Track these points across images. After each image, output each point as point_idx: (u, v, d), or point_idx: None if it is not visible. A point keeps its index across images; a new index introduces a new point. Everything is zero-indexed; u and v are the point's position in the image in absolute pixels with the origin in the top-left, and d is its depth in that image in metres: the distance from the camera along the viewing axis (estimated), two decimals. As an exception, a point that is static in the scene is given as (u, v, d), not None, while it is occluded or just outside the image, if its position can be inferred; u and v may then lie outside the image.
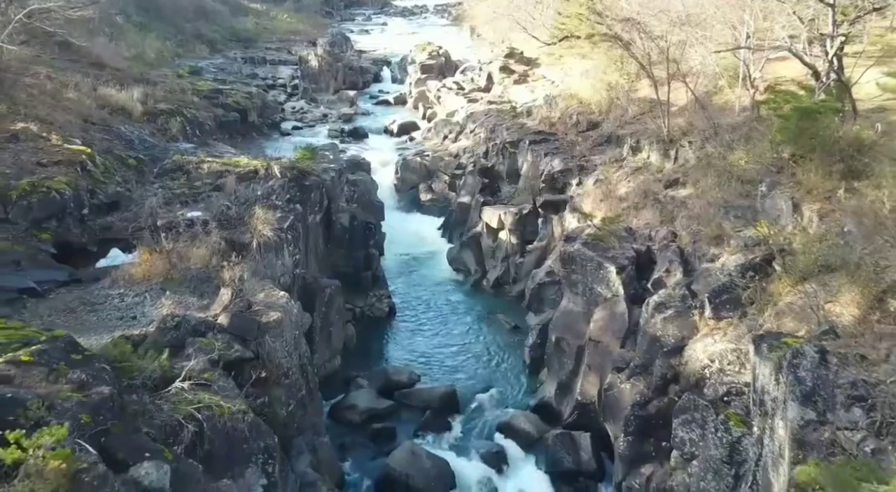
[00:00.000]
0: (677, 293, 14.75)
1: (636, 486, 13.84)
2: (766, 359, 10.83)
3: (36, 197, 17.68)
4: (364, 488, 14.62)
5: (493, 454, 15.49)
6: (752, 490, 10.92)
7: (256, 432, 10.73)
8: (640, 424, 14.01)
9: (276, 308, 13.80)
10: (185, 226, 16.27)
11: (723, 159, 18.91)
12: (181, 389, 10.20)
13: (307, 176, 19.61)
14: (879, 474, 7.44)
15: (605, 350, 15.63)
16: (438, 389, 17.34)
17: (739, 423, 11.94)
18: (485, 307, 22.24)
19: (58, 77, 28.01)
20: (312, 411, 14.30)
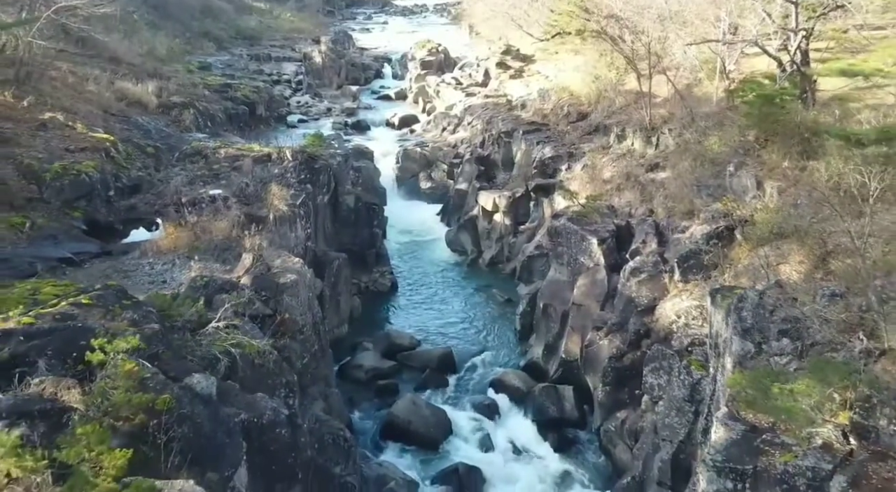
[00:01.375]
0: (650, 260, 16.51)
1: (613, 429, 15.60)
2: (718, 307, 12.58)
3: (67, 179, 19.32)
4: (370, 432, 16.32)
5: (485, 406, 17.24)
6: (707, 420, 12.62)
7: (279, 369, 12.44)
8: (616, 375, 15.77)
9: (291, 272, 15.48)
10: (207, 202, 17.98)
11: (698, 144, 20.60)
12: (216, 328, 11.90)
13: (316, 160, 21.33)
14: (786, 378, 9.17)
15: (586, 313, 17.37)
16: (437, 351, 19.11)
17: (700, 367, 13.67)
18: (480, 283, 23.97)
19: (78, 71, 29.80)
20: (324, 364, 16.00)
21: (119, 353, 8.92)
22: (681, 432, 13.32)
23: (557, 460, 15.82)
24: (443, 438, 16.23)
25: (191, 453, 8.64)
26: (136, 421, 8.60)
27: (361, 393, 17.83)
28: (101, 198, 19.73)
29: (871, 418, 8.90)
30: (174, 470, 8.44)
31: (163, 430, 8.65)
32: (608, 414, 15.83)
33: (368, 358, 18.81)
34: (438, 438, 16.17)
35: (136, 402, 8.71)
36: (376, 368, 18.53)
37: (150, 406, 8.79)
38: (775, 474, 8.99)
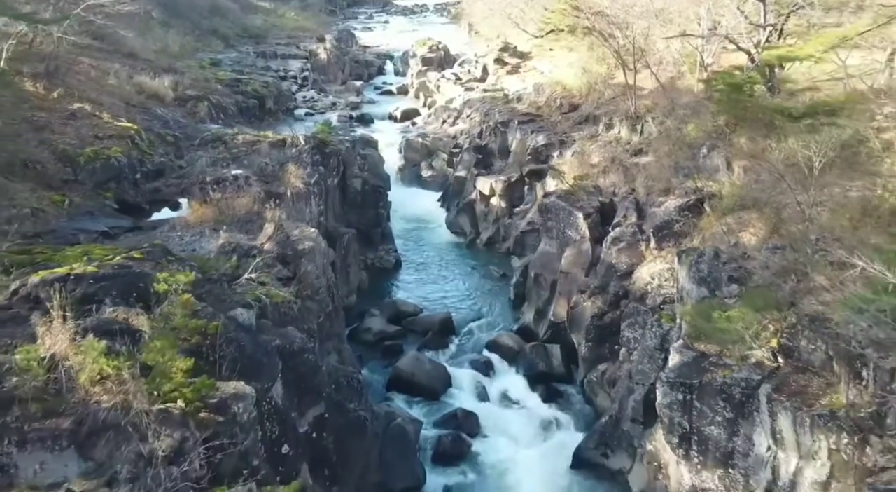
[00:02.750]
0: (629, 230, 18.46)
1: (594, 380, 17.54)
2: (683, 264, 14.53)
3: (98, 163, 21.24)
4: (378, 385, 18.24)
5: (482, 363, 19.18)
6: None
7: (302, 316, 14.36)
8: (598, 332, 17.70)
9: (308, 240, 17.41)
10: (230, 181, 19.90)
11: (678, 131, 22.51)
12: (248, 280, 13.82)
13: (326, 145, 23.27)
14: (725, 308, 11.10)
15: (573, 280, 19.30)
16: (438, 316, 21.09)
17: (669, 320, 15.58)
18: (478, 261, 25.92)
19: (99, 66, 31.75)
20: (337, 323, 17.91)
21: (179, 284, 10.87)
22: (652, 376, 15.21)
23: (545, 409, 17.75)
24: (443, 389, 18.16)
25: (237, 368, 10.57)
26: (192, 341, 10.55)
27: (370, 353, 19.77)
28: (128, 180, 21.64)
29: (795, 340, 10.83)
30: (225, 380, 10.35)
31: (214, 349, 10.59)
32: (591, 367, 17.77)
33: (376, 323, 20.77)
34: (439, 389, 18.10)
35: (192, 326, 10.65)
36: (383, 331, 20.49)
37: (203, 330, 10.74)
38: (716, 385, 10.95)
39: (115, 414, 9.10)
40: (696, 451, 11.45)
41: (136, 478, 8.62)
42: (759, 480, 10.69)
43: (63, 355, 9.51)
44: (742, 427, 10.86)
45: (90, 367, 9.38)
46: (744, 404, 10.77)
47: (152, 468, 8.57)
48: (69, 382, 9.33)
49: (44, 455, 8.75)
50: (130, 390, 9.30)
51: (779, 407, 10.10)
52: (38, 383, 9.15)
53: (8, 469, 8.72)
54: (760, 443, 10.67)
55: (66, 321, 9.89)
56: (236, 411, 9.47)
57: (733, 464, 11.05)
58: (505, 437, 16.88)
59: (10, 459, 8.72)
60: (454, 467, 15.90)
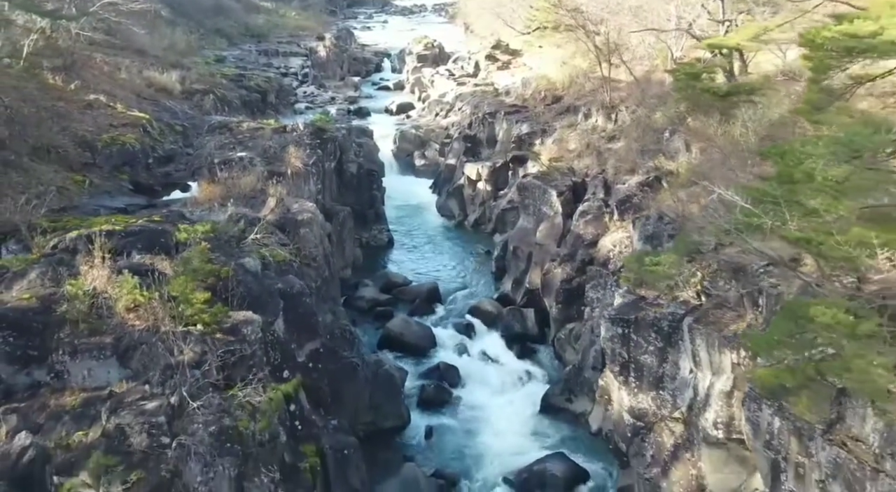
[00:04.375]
0: (595, 204, 20.51)
1: (563, 337, 19.57)
2: (636, 228, 16.55)
3: (114, 148, 23.29)
4: (370, 344, 20.26)
5: (464, 326, 21.23)
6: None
7: (300, 274, 16.38)
8: (567, 295, 19.73)
9: (307, 212, 19.44)
10: (236, 162, 21.93)
11: (647, 118, 24.54)
12: (253, 240, 15.86)
13: (324, 132, 25.31)
14: (656, 256, 13.12)
15: (546, 250, 21.33)
16: (425, 285, 23.16)
17: (626, 280, 17.57)
18: (464, 240, 27.98)
19: (111, 61, 33.84)
20: (333, 287, 19.94)
21: (198, 234, 12.93)
22: (610, 329, 17.23)
23: (519, 364, 19.78)
24: (428, 348, 20.20)
25: (245, 304, 12.62)
26: (208, 282, 12.60)
27: (362, 318, 21.81)
28: (141, 164, 23.70)
29: (715, 282, 12.86)
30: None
31: (226, 288, 12.63)
32: (560, 327, 19.79)
33: (369, 291, 22.82)
34: (425, 347, 20.15)
35: (208, 269, 12.70)
36: (375, 299, 22.54)
37: (217, 273, 12.80)
38: (648, 320, 13.00)
39: (147, 334, 11.17)
40: (634, 377, 13.48)
41: (165, 381, 10.65)
42: (684, 398, 12.70)
43: (103, 288, 11.60)
44: (670, 354, 12.89)
45: (125, 297, 11.46)
46: (671, 335, 12.80)
47: (178, 374, 10.60)
48: (108, 309, 11.41)
49: (91, 363, 10.82)
50: (159, 315, 11.37)
51: (696, 334, 12.11)
52: (83, 308, 11.20)
53: (62, 375, 10.80)
54: (684, 367, 12.68)
55: (105, 262, 11.95)
56: (246, 332, 11.53)
57: (664, 386, 13.07)
58: (482, 387, 18.92)
59: (64, 366, 10.80)
60: (436, 411, 17.94)
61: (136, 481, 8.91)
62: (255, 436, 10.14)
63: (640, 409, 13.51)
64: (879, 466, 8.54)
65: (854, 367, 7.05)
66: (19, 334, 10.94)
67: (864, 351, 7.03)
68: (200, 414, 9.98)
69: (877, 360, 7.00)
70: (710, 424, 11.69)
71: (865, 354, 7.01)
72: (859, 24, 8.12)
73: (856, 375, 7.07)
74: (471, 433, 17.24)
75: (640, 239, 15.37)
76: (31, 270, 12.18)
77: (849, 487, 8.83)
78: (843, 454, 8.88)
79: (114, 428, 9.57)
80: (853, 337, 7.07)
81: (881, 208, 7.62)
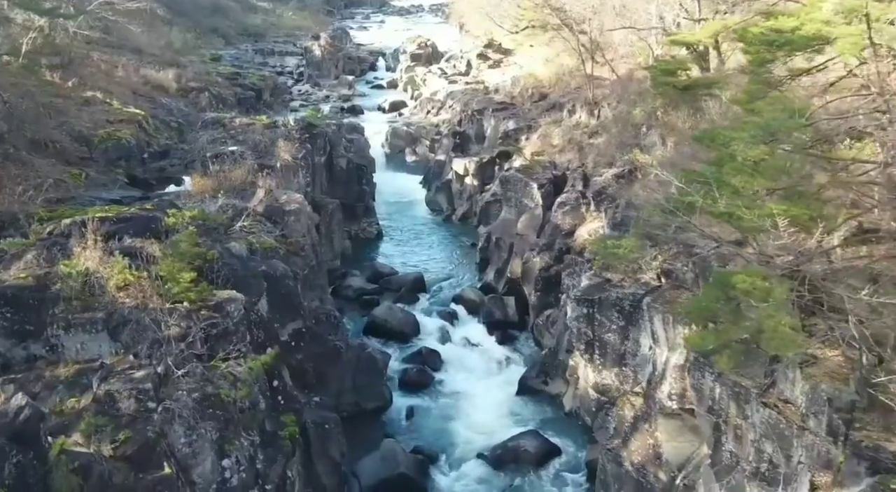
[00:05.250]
0: (573, 196, 21.27)
1: (541, 323, 20.32)
2: (607, 215, 17.29)
3: (111, 143, 24.03)
4: (355, 331, 21.01)
5: (447, 314, 22.01)
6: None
7: (287, 262, 17.12)
8: (545, 283, 20.48)
9: (295, 203, 20.20)
10: (227, 155, 22.68)
11: (627, 114, 25.32)
12: (241, 228, 16.62)
13: (314, 127, 26.08)
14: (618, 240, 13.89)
15: (526, 240, 22.10)
16: (411, 275, 23.95)
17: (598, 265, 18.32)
18: (452, 233, 28.77)
19: (108, 59, 34.62)
20: (320, 276, 20.67)
21: (185, 219, 13.69)
22: (583, 313, 17.99)
23: (500, 349, 20.56)
24: (413, 334, 20.97)
25: (230, 284, 13.37)
26: (195, 264, 13.34)
27: (350, 306, 22.57)
28: (137, 159, 24.44)
29: (674, 265, 13.62)
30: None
31: (212, 270, 13.39)
32: (539, 313, 20.54)
33: (356, 281, 23.61)
34: (409, 334, 20.91)
35: (195, 252, 13.46)
36: (362, 288, 23.32)
37: (204, 256, 13.55)
38: (611, 300, 13.78)
39: (136, 310, 11.94)
40: (598, 354, 14.25)
41: (152, 354, 11.41)
42: (644, 374, 13.46)
43: (95, 269, 12.36)
44: (631, 333, 13.65)
45: (116, 276, 12.23)
46: (632, 314, 13.56)
47: (165, 346, 11.36)
48: (100, 287, 12.17)
49: (83, 337, 11.58)
50: (147, 293, 12.14)
51: (654, 313, 12.87)
52: (76, 286, 11.96)
53: (57, 348, 11.57)
54: (644, 344, 13.45)
55: (97, 244, 12.71)
56: (229, 309, 12.30)
57: (626, 363, 13.85)
58: (463, 371, 19.69)
59: (59, 340, 11.57)
60: (417, 393, 18.71)
61: (124, 441, 9.66)
62: (237, 403, 10.90)
63: (604, 385, 14.29)
64: (805, 424, 9.30)
65: (766, 327, 7.80)
66: (16, 311, 11.69)
67: (775, 313, 7.77)
68: (185, 382, 10.74)
69: (784, 320, 7.76)
70: (666, 395, 12.45)
71: (776, 315, 7.76)
72: (783, 20, 8.87)
73: (767, 333, 7.83)
74: (450, 414, 17.99)
75: (610, 226, 16.14)
76: (28, 252, 12.92)
77: (778, 444, 9.59)
78: (775, 415, 9.65)
79: (104, 394, 10.32)
80: (767, 301, 7.83)
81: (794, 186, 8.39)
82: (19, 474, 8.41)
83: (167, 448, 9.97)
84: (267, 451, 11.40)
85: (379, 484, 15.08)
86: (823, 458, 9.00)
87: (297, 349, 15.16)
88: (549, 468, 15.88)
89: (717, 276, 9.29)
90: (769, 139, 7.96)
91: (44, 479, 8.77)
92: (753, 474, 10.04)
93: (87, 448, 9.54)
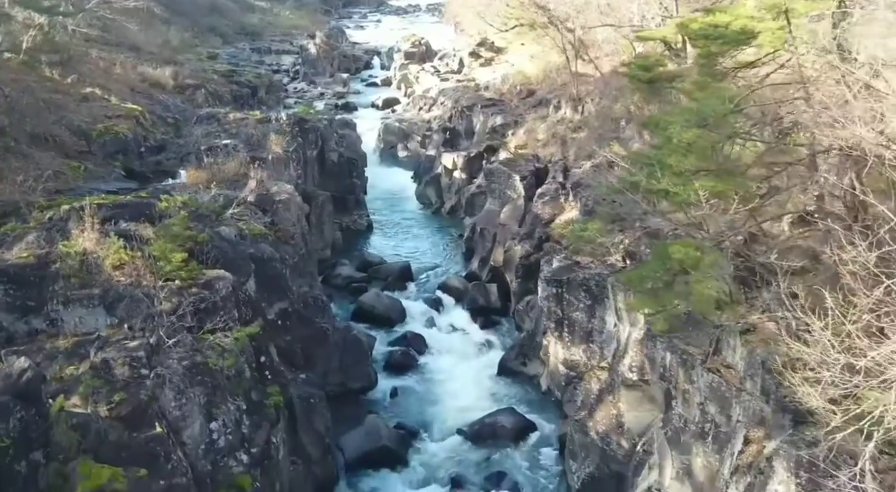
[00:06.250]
0: (553, 187, 22.11)
1: (521, 309, 21.17)
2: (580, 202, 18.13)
3: (108, 137, 24.86)
4: (344, 317, 21.85)
5: (433, 300, 22.88)
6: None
7: (276, 249, 17.97)
8: (525, 270, 21.31)
9: (285, 193, 21.02)
10: (221, 148, 23.52)
11: (609, 109, 26.17)
12: (231, 215, 17.46)
13: (306, 122, 26.93)
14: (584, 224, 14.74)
15: (508, 230, 22.95)
16: (398, 263, 24.85)
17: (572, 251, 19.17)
18: (440, 225, 29.65)
19: (107, 56, 35.46)
20: (310, 263, 21.49)
21: (177, 203, 14.54)
22: (560, 297, 18.84)
23: (482, 334, 21.44)
24: (399, 319, 21.83)
25: (219, 265, 14.21)
26: (186, 246, 14.18)
27: (339, 293, 23.42)
28: (134, 153, 25.28)
29: (638, 247, 14.47)
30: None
31: (203, 252, 14.24)
32: (519, 299, 21.39)
33: (345, 270, 24.47)
34: (395, 319, 21.77)
35: (186, 235, 14.31)
36: (351, 276, 24.18)
37: (195, 238, 14.39)
38: (578, 280, 14.63)
39: (131, 287, 12.78)
40: (567, 332, 15.11)
41: (145, 327, 12.25)
42: (610, 349, 14.32)
43: (92, 249, 13.20)
44: (597, 311, 14.51)
45: (112, 256, 13.07)
46: (598, 293, 14.43)
47: (157, 319, 12.20)
48: (97, 266, 13.02)
49: (81, 312, 12.43)
50: (141, 272, 12.98)
51: (618, 291, 13.73)
52: (75, 265, 12.81)
53: (56, 322, 12.42)
54: (609, 321, 14.31)
55: (94, 227, 13.56)
56: (218, 287, 13.15)
57: (592, 339, 14.71)
58: (446, 354, 20.55)
59: (58, 314, 12.42)
60: (402, 375, 19.57)
61: (119, 402, 10.49)
62: (223, 371, 11.74)
63: (573, 360, 15.15)
64: (742, 386, 10.16)
65: (694, 290, 8.64)
66: (18, 287, 12.53)
67: (703, 279, 8.61)
68: (175, 351, 11.58)
69: (711, 284, 8.60)
70: (627, 368, 13.29)
71: (703, 280, 8.59)
72: (719, 16, 9.70)
73: (695, 296, 8.66)
74: (432, 393, 18.85)
75: (582, 213, 17.00)
76: (29, 234, 13.77)
77: (720, 406, 10.45)
78: (717, 379, 10.51)
79: (100, 362, 11.15)
80: (697, 268, 8.66)
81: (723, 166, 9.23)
82: (23, 428, 9.24)
83: (159, 410, 10.81)
84: (252, 417, 12.24)
85: (362, 456, 15.95)
86: (757, 415, 9.85)
87: (286, 330, 16.00)
88: (524, 443, 16.72)
89: (656, 247, 10.15)
90: (702, 124, 8.80)
91: (45, 434, 9.59)
92: (699, 434, 10.89)
93: (85, 409, 10.37)
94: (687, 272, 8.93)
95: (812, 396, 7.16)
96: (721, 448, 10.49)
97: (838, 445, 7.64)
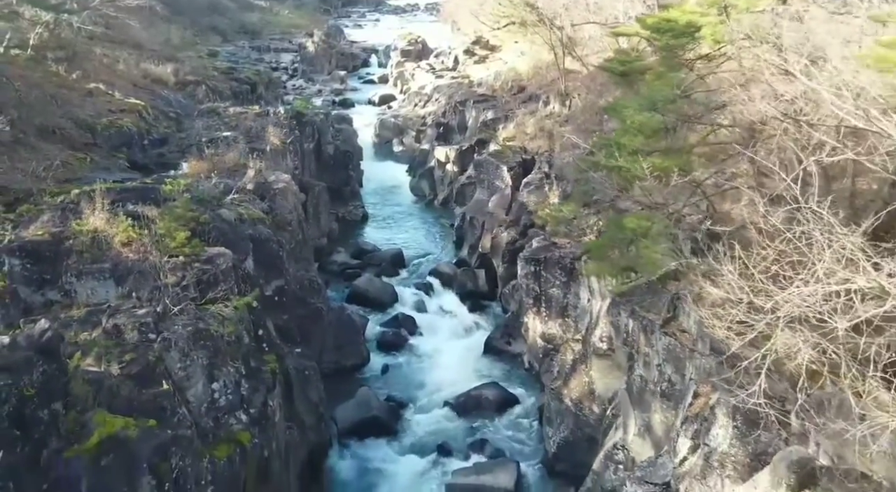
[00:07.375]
0: (538, 176, 23.18)
1: (507, 292, 22.24)
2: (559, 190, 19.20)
3: (113, 130, 25.89)
4: (338, 298, 22.93)
5: (423, 285, 23.96)
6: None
7: (275, 232, 19.03)
8: (511, 255, 22.36)
9: (282, 182, 22.10)
10: (222, 140, 24.59)
11: (594, 103, 27.22)
12: (231, 200, 18.53)
13: (303, 116, 28.01)
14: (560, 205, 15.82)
15: (496, 218, 24.03)
16: (391, 250, 25.96)
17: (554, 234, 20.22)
18: (433, 216, 30.74)
19: (109, 54, 36.53)
20: (306, 250, 22.58)
21: (181, 186, 15.61)
22: (543, 280, 19.90)
23: (470, 316, 22.53)
24: (390, 303, 22.93)
25: (220, 243, 15.28)
26: (189, 226, 15.26)
27: (334, 279, 24.51)
28: (138, 146, 26.32)
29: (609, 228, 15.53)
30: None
31: (205, 232, 15.31)
32: (505, 283, 22.46)
33: (340, 257, 25.57)
34: (388, 302, 22.87)
35: (189, 216, 15.38)
36: (346, 263, 25.27)
37: (197, 219, 15.46)
38: (555, 258, 15.69)
39: (139, 263, 13.84)
40: (544, 307, 16.18)
41: (152, 298, 13.32)
42: (584, 323, 15.39)
43: (103, 228, 14.26)
44: (572, 287, 15.58)
45: (121, 234, 14.14)
46: (572, 270, 15.50)
47: (163, 290, 13.27)
48: (107, 243, 14.08)
49: (93, 284, 13.50)
50: (148, 248, 14.05)
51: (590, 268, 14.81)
52: (86, 241, 13.88)
53: (70, 293, 13.49)
54: (583, 296, 15.38)
55: (104, 208, 14.64)
56: (219, 262, 14.22)
57: (568, 314, 15.78)
58: (436, 335, 21.64)
59: (72, 286, 13.49)
60: (393, 353, 20.66)
61: (129, 362, 11.55)
62: (224, 337, 12.79)
63: (550, 334, 16.22)
64: (695, 347, 11.23)
65: (643, 255, 9.70)
66: (35, 262, 13.60)
67: (651, 245, 9.66)
68: (180, 319, 12.63)
69: (657, 248, 9.65)
70: (598, 338, 14.34)
71: (651, 246, 9.65)
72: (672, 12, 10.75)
73: (644, 260, 9.72)
74: (421, 370, 19.94)
75: (561, 198, 18.07)
76: (44, 214, 14.85)
77: (675, 366, 11.52)
78: (673, 342, 11.58)
79: (111, 327, 12.21)
80: (647, 236, 9.72)
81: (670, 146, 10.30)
82: (45, 380, 10.28)
83: (165, 370, 11.86)
84: (251, 381, 13.29)
85: (354, 425, 17.04)
86: (707, 372, 10.91)
87: (282, 309, 17.07)
88: (506, 414, 17.81)
89: (612, 220, 11.22)
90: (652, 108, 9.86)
91: (64, 387, 10.64)
92: (658, 392, 11.96)
93: (98, 368, 11.43)
94: (639, 240, 9.99)
95: (716, 326, 8.26)
96: (676, 404, 11.55)
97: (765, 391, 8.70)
